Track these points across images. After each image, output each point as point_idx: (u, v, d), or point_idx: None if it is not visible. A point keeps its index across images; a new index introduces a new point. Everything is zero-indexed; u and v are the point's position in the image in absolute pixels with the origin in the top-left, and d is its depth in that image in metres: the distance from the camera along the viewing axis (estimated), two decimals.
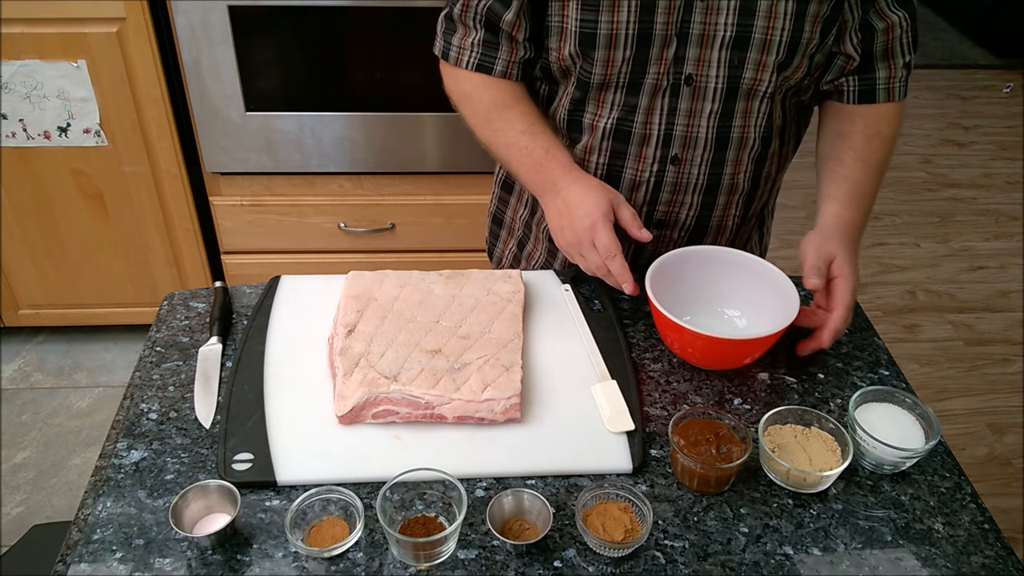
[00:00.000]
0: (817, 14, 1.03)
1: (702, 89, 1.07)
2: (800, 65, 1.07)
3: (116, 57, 1.83)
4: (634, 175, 1.15)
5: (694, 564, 0.82)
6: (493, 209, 1.40)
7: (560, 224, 1.09)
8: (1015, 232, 3.11)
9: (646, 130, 1.11)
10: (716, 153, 1.12)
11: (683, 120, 1.10)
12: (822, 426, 0.93)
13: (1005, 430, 2.27)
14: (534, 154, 1.11)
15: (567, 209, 1.07)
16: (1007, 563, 0.83)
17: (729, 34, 1.03)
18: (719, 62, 1.05)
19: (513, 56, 1.12)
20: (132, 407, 0.97)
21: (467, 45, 1.12)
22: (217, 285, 1.14)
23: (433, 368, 0.97)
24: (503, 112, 1.14)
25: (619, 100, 1.10)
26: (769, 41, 1.03)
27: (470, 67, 1.13)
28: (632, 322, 1.13)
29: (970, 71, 4.27)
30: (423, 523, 0.83)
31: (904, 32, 1.10)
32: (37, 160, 1.97)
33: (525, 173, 1.14)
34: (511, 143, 1.13)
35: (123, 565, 0.80)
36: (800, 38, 1.04)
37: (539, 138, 1.12)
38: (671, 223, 1.20)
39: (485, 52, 1.12)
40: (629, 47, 1.05)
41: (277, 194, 2.07)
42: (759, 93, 1.08)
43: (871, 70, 1.12)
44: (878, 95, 1.13)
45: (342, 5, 1.78)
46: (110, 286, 2.23)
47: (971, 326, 2.65)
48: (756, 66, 1.05)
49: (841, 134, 1.15)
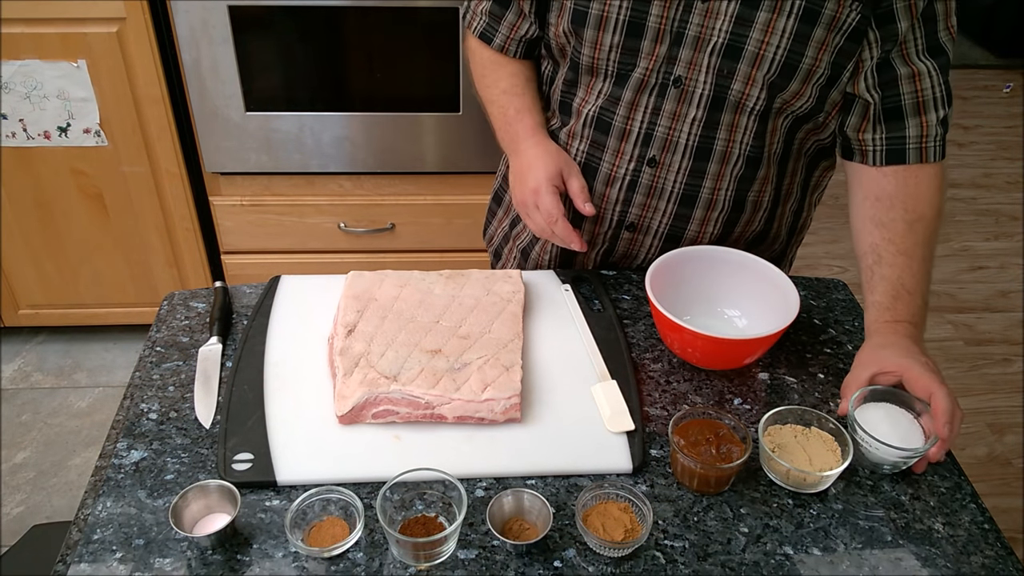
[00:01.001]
0: (824, 41, 0.99)
1: (689, 93, 1.06)
2: (804, 93, 1.03)
3: (116, 57, 1.83)
4: (610, 169, 1.15)
5: (694, 564, 0.82)
6: (496, 187, 1.41)
7: (513, 184, 1.16)
8: (1015, 232, 3.11)
9: (627, 125, 1.11)
10: (696, 163, 1.10)
11: (666, 122, 1.09)
12: (822, 426, 0.93)
13: (1005, 430, 2.27)
14: (507, 113, 1.18)
15: (521, 171, 1.13)
16: (1007, 563, 0.83)
17: (722, 41, 1.01)
18: (708, 68, 1.03)
19: (513, 32, 1.16)
20: (132, 407, 0.97)
21: (478, 12, 1.19)
22: (217, 285, 1.14)
23: (433, 368, 0.97)
24: (495, 70, 1.20)
25: (606, 89, 1.10)
26: (761, 56, 1.01)
27: (476, 33, 1.20)
28: (632, 322, 1.13)
29: (970, 71, 4.27)
30: (423, 523, 0.83)
31: (936, 84, 1.02)
32: (37, 160, 1.97)
33: (498, 130, 1.21)
34: (493, 99, 1.20)
35: (123, 565, 0.80)
36: (800, 61, 1.00)
37: (516, 99, 1.18)
38: (643, 228, 1.18)
39: (490, 23, 1.18)
40: (618, 33, 1.05)
41: (277, 194, 2.07)
42: (747, 108, 1.05)
43: (900, 127, 1.03)
44: (908, 155, 1.03)
45: (342, 5, 1.78)
46: (110, 286, 2.23)
47: (971, 326, 2.65)
48: (745, 79, 1.03)
49: (878, 221, 1.03)
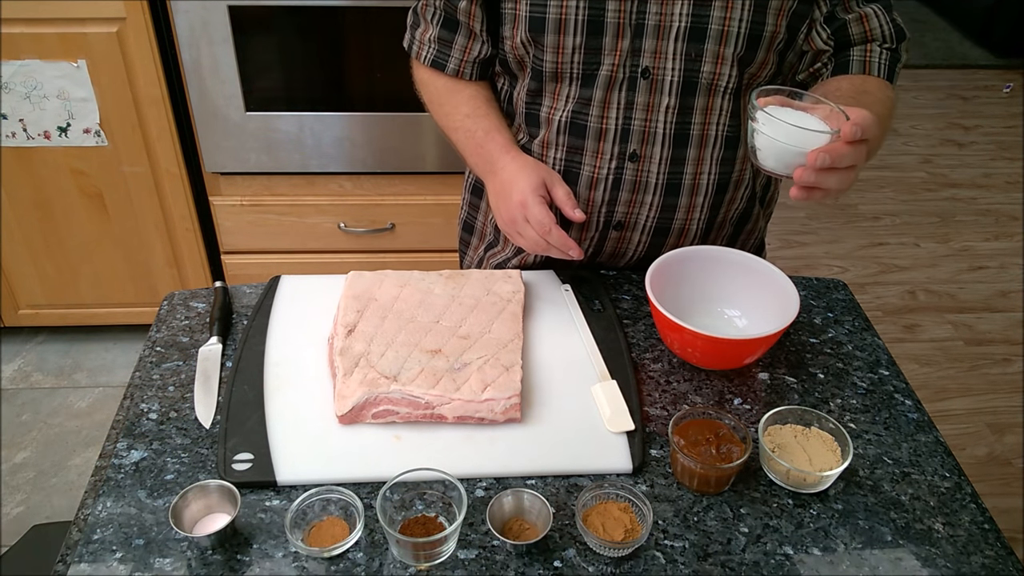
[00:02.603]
0: (781, 7, 1.01)
1: (659, 83, 1.05)
2: (767, 61, 1.04)
3: (116, 57, 1.83)
4: (592, 172, 1.13)
5: (694, 564, 0.82)
6: (464, 216, 1.38)
7: (496, 204, 1.11)
8: (1015, 232, 3.11)
9: (602, 124, 1.10)
10: (676, 151, 1.10)
11: (640, 115, 1.08)
12: (822, 426, 0.93)
13: (1005, 430, 2.27)
14: (475, 136, 1.14)
15: (502, 188, 1.09)
16: (1007, 563, 0.83)
17: (684, 24, 1.01)
18: (675, 54, 1.03)
19: (467, 55, 1.14)
20: (132, 407, 0.97)
21: (426, 40, 1.16)
22: (217, 285, 1.14)
23: (433, 368, 0.97)
24: (452, 96, 1.17)
25: (574, 92, 1.09)
26: (727, 32, 1.01)
27: (426, 62, 1.17)
28: (632, 322, 1.13)
29: (970, 71, 4.27)
30: (423, 523, 0.83)
31: (884, 23, 1.06)
32: (37, 160, 1.97)
33: (469, 156, 1.17)
34: (457, 126, 1.17)
35: (123, 565, 0.80)
36: (762, 31, 1.01)
37: (481, 120, 1.14)
38: (631, 224, 1.18)
39: (440, 49, 1.15)
40: (579, 34, 1.04)
41: (277, 194, 2.07)
42: (720, 88, 1.05)
43: (846, 55, 1.07)
44: (851, 67, 1.06)
45: (342, 5, 1.78)
46: (110, 286, 2.23)
47: (971, 326, 2.65)
48: (715, 59, 1.03)
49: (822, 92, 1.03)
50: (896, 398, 1.02)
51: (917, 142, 3.67)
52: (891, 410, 1.00)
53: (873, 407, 1.01)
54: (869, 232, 3.08)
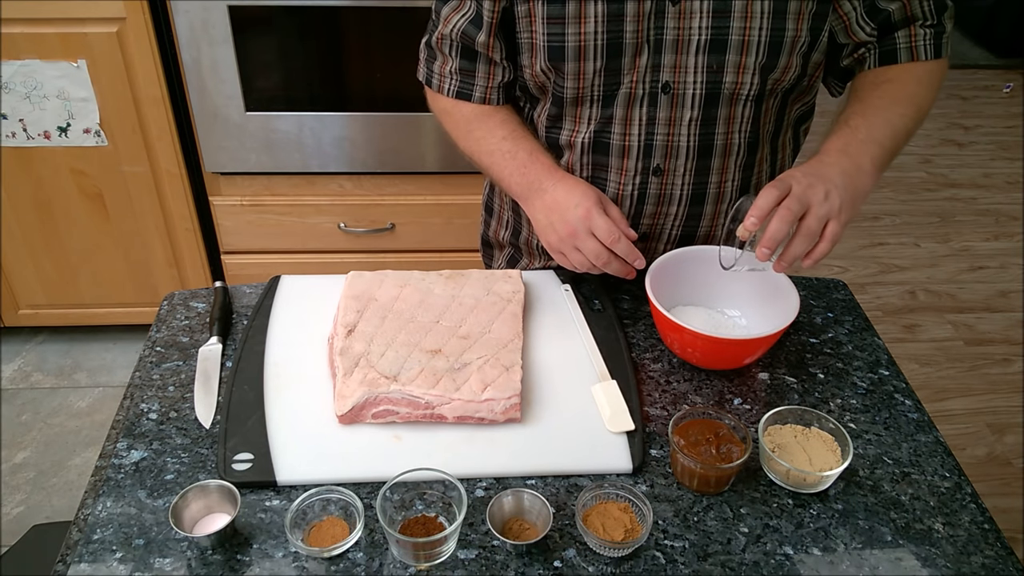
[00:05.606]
0: (800, 11, 1.00)
1: (680, 96, 1.05)
2: (790, 65, 1.03)
3: (116, 57, 1.83)
4: (616, 188, 1.13)
5: (694, 564, 0.82)
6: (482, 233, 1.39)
7: (550, 220, 1.07)
8: (1015, 232, 3.11)
9: (625, 141, 1.09)
10: (700, 162, 1.10)
11: (663, 129, 1.08)
12: (822, 426, 0.93)
13: (1005, 430, 2.27)
14: (518, 156, 1.11)
15: (556, 204, 1.06)
16: (1007, 563, 0.83)
17: (704, 38, 1.01)
18: (696, 67, 1.03)
19: (491, 81, 1.13)
20: (132, 407, 0.97)
21: (447, 73, 1.14)
22: (217, 285, 1.14)
23: (433, 368, 0.97)
24: (484, 121, 1.14)
25: (595, 114, 1.09)
26: (747, 42, 1.00)
27: (450, 94, 1.15)
28: (632, 322, 1.13)
29: (970, 71, 4.27)
30: (423, 523, 0.83)
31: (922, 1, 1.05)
32: (37, 160, 1.97)
33: (508, 176, 1.13)
34: (493, 149, 1.13)
35: (123, 565, 0.80)
36: (783, 37, 1.01)
37: (522, 142, 1.12)
38: (656, 235, 1.18)
39: (464, 80, 1.13)
40: (599, 58, 1.03)
41: (277, 194, 2.07)
42: (741, 97, 1.05)
43: (891, 40, 1.06)
44: (899, 55, 1.06)
45: (342, 5, 1.78)
46: (110, 286, 2.23)
47: (971, 326, 2.65)
48: (736, 69, 1.02)
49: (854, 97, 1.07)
50: (896, 398, 1.02)
51: (917, 142, 3.64)
52: (891, 410, 1.00)
53: (873, 407, 1.01)
54: (869, 232, 3.08)
